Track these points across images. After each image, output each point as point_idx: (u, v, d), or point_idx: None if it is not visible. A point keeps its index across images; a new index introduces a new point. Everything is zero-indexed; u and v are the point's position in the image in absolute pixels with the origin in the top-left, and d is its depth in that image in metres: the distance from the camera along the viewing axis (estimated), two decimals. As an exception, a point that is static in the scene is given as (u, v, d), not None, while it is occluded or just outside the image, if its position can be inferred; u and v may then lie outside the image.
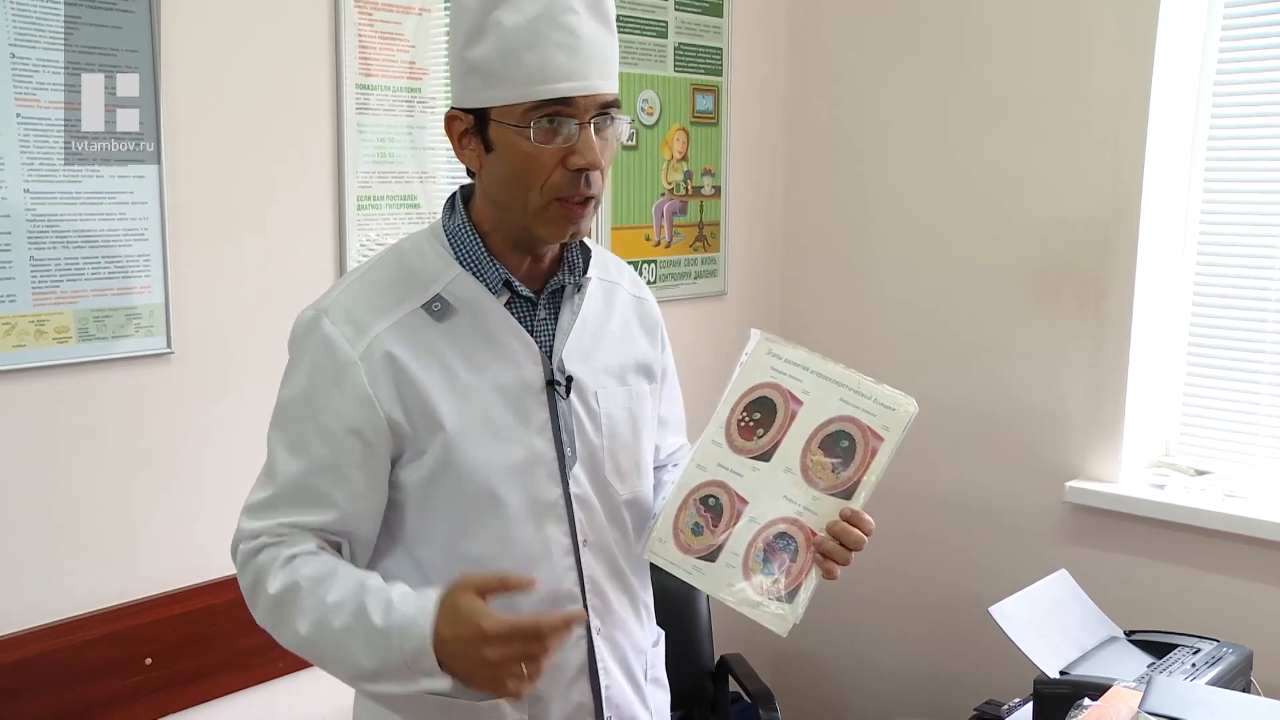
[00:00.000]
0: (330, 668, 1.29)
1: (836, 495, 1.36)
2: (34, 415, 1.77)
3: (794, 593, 1.34)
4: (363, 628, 1.22)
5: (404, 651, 1.20)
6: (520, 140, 1.26)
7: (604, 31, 1.29)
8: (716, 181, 2.91)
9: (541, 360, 1.35)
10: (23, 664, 1.77)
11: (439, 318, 1.32)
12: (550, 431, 1.36)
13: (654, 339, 1.53)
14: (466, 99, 1.30)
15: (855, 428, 1.36)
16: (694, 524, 1.38)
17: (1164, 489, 2.52)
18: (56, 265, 1.75)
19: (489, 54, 1.25)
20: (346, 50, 2.07)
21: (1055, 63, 2.57)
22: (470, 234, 1.35)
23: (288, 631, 1.29)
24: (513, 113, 1.25)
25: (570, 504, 1.37)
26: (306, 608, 1.26)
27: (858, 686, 3.07)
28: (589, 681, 1.41)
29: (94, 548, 1.86)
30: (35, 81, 1.70)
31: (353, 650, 1.24)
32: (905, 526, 2.83)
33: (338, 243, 2.11)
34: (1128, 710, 1.72)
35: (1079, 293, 2.58)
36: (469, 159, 1.33)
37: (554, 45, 1.24)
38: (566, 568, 1.37)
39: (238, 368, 1.99)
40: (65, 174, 1.75)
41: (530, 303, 1.37)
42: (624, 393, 1.44)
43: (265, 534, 1.30)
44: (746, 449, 1.39)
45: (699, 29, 2.80)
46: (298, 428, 1.31)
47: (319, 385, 1.30)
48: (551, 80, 1.24)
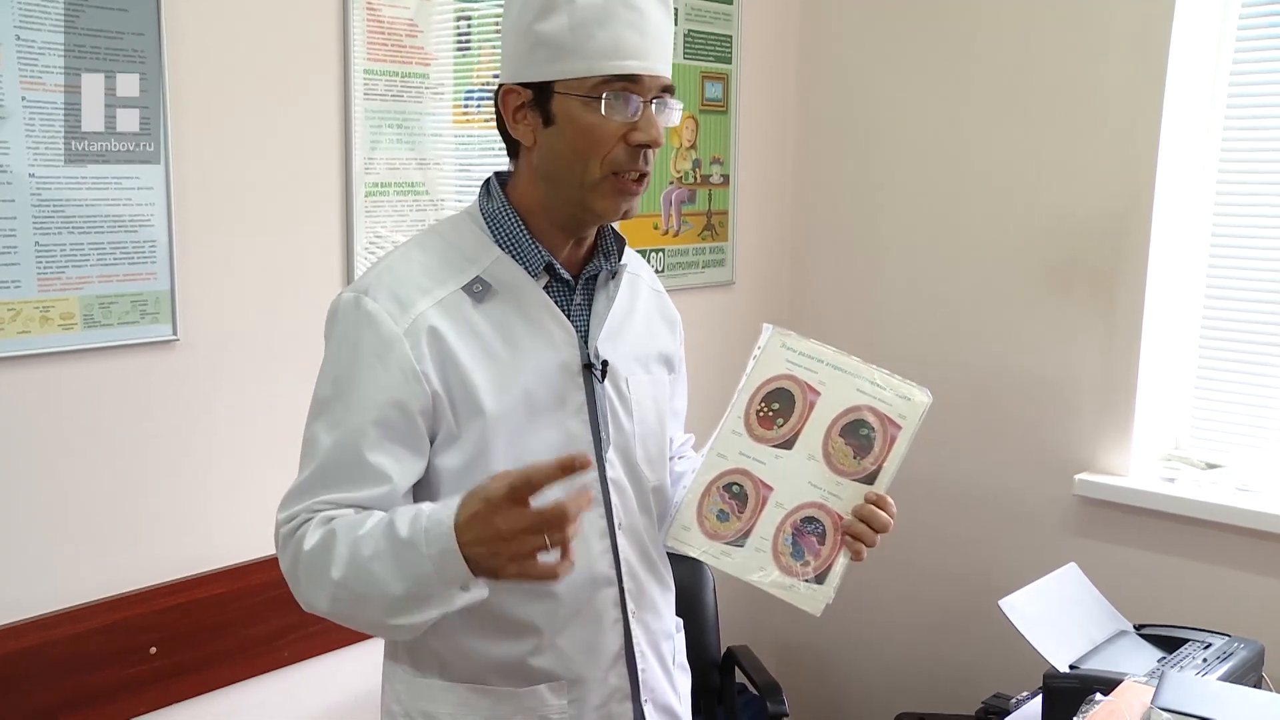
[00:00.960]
0: (363, 608, 1.22)
1: (860, 480, 1.41)
2: (39, 402, 1.76)
3: (824, 574, 1.39)
4: (391, 546, 1.18)
5: (431, 557, 1.15)
6: (586, 112, 1.27)
7: (666, 18, 1.32)
8: (725, 170, 2.89)
9: (579, 344, 1.37)
10: (27, 652, 1.76)
11: (479, 299, 1.32)
12: (587, 414, 1.37)
13: (674, 332, 1.56)
14: (528, 72, 1.30)
15: (874, 416, 1.41)
16: (719, 510, 1.41)
17: (1175, 482, 2.50)
18: (62, 251, 1.74)
19: (560, 28, 1.26)
20: (354, 36, 2.05)
21: (1069, 51, 2.55)
22: (511, 216, 1.35)
23: (325, 586, 1.22)
24: (582, 85, 1.27)
25: (606, 487, 1.39)
26: (339, 550, 1.21)
27: (865, 678, 3.06)
28: (625, 665, 1.42)
29: (99, 536, 1.85)
30: (41, 65, 1.69)
31: (381, 576, 1.18)
32: (914, 518, 2.80)
33: (345, 229, 2.10)
34: (1140, 705, 1.71)
35: (1091, 284, 2.56)
36: (523, 133, 1.33)
37: (625, 24, 1.27)
38: (603, 550, 1.38)
39: (244, 355, 1.97)
40: (70, 159, 1.73)
41: (568, 286, 1.39)
42: (649, 380, 1.46)
43: (303, 511, 1.27)
44: (767, 438, 1.42)
45: (709, 16, 2.78)
46: (342, 406, 1.28)
47: (363, 361, 1.28)
48: (623, 56, 1.27)
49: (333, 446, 1.27)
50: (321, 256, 2.07)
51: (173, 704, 1.94)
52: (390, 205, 2.15)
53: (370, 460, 1.26)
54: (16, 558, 1.77)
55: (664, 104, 1.32)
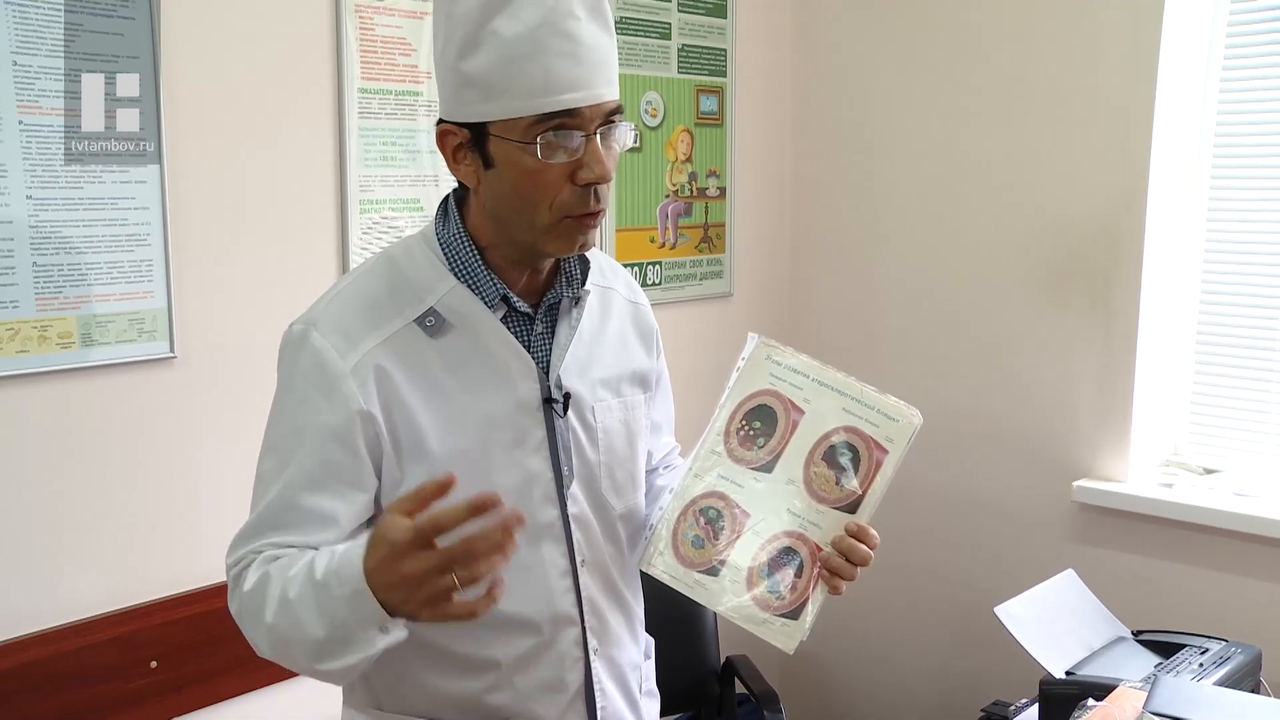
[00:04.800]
0: (292, 653, 1.18)
1: (841, 509, 1.33)
2: (38, 420, 1.79)
3: (799, 610, 1.32)
4: (310, 588, 1.13)
5: (344, 598, 1.10)
6: (524, 156, 1.19)
7: (605, 36, 1.22)
8: (722, 183, 2.90)
9: (539, 377, 1.31)
10: (28, 667, 1.78)
11: (433, 333, 1.26)
12: (547, 450, 1.31)
13: (649, 346, 1.48)
14: (461, 112, 1.22)
15: (859, 439, 1.34)
16: (694, 537, 1.34)
17: (1172, 488, 2.50)
18: (59, 271, 1.76)
19: (486, 65, 1.17)
20: (348, 54, 2.08)
21: (1062, 58, 2.56)
22: (467, 246, 1.28)
23: (261, 628, 1.18)
24: (515, 127, 1.18)
25: (568, 524, 1.33)
26: (272, 593, 1.17)
27: (863, 687, 3.06)
28: (584, 703, 1.37)
29: (98, 552, 1.87)
30: (37, 89, 1.72)
31: (304, 619, 1.13)
32: (911, 525, 2.82)
33: (340, 246, 2.12)
34: (1133, 710, 1.71)
35: (1087, 290, 2.57)
36: (465, 175, 1.26)
37: (556, 54, 1.17)
38: (564, 589, 1.34)
39: (241, 372, 1.99)
40: (67, 180, 1.76)
41: (527, 317, 1.32)
42: (619, 404, 1.40)
43: (248, 554, 1.23)
44: (747, 460, 1.35)
45: (702, 30, 2.80)
46: (285, 446, 1.25)
47: (308, 399, 1.24)
48: (555, 91, 1.17)
49: (278, 489, 1.23)
50: (317, 274, 2.08)
51: (173, 717, 1.95)
52: (385, 222, 2.17)
53: (313, 504, 1.22)
54: (18, 573, 1.79)
55: (610, 130, 1.22)
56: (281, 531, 1.23)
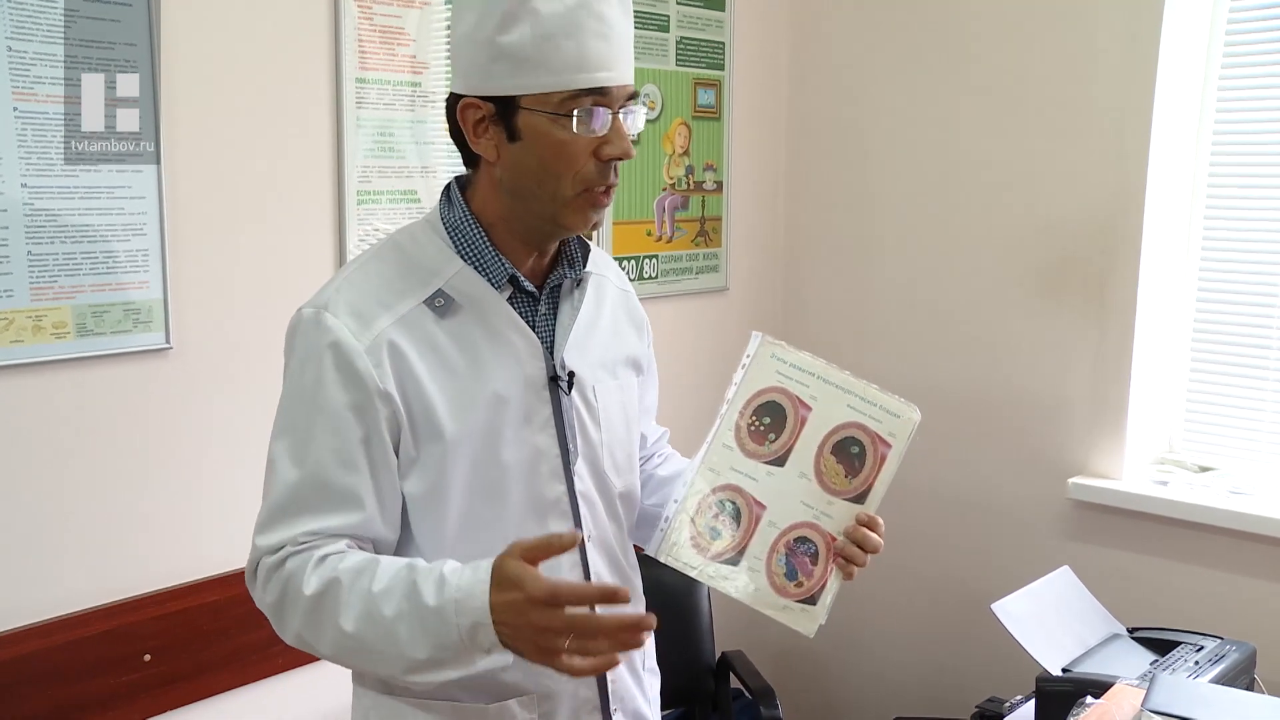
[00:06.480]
0: (376, 663, 1.23)
1: (850, 500, 1.41)
2: (32, 411, 1.77)
3: (816, 595, 1.39)
4: (415, 610, 1.16)
5: (461, 629, 1.14)
6: (556, 128, 1.24)
7: (629, 23, 1.29)
8: (719, 176, 2.90)
9: (544, 356, 1.34)
10: (21, 660, 1.76)
11: (442, 314, 1.29)
12: (554, 428, 1.35)
13: (640, 332, 1.53)
14: (489, 85, 1.25)
15: (864, 434, 1.41)
16: (711, 528, 1.39)
17: (1167, 485, 2.51)
18: (54, 260, 1.75)
19: (524, 40, 1.21)
20: (346, 45, 2.06)
21: (1059, 55, 2.56)
22: (474, 226, 1.32)
23: (330, 633, 1.21)
24: (548, 100, 1.23)
25: (575, 500, 1.37)
26: (350, 601, 1.19)
27: (859, 683, 3.06)
28: (595, 676, 1.40)
29: (93, 544, 1.85)
30: (33, 75, 1.69)
31: (405, 638, 1.17)
32: (907, 522, 2.82)
33: (337, 237, 2.10)
34: (1130, 708, 1.71)
35: (1083, 288, 2.57)
36: (485, 148, 1.29)
37: (592, 34, 1.23)
38: (572, 564, 1.36)
39: (237, 363, 1.98)
40: (63, 169, 1.74)
41: (532, 298, 1.36)
42: (617, 386, 1.44)
43: (288, 544, 1.24)
44: (759, 454, 1.41)
45: (701, 23, 2.79)
46: (307, 428, 1.25)
47: (325, 380, 1.25)
48: (590, 69, 1.23)
49: (301, 470, 1.25)
50: (314, 264, 2.07)
51: (167, 711, 1.94)
52: (383, 213, 2.16)
53: (344, 484, 1.24)
54: (11, 565, 1.77)
55: (630, 112, 1.29)
56: (313, 515, 1.24)
